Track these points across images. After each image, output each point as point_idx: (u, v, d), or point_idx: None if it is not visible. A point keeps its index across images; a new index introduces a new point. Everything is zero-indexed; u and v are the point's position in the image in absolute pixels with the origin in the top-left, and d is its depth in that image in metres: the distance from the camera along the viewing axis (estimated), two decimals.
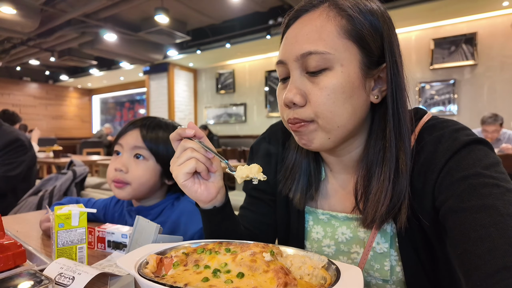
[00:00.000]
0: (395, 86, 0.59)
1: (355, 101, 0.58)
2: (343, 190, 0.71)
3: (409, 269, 0.62)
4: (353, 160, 0.68)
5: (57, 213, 0.70)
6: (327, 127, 0.59)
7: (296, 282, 0.44)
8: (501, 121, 3.70)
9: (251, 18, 6.16)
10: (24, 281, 0.52)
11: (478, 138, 0.55)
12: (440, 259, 0.61)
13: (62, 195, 1.90)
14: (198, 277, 0.46)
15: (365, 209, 0.61)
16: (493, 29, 5.19)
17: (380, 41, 0.58)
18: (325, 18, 0.57)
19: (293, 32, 0.60)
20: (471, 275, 0.43)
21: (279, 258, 0.52)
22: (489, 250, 0.42)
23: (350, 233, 0.68)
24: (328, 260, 0.51)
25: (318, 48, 0.56)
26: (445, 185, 0.54)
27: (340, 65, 0.56)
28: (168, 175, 1.02)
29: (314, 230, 0.73)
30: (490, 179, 0.49)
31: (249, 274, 0.46)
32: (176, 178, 0.62)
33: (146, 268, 0.50)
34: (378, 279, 0.65)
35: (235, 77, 8.23)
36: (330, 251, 0.71)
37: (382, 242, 0.64)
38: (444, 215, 0.52)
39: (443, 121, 0.62)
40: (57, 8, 5.36)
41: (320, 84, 0.57)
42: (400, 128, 0.59)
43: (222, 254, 0.52)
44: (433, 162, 0.56)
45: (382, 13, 0.60)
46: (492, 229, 0.44)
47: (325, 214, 0.71)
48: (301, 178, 0.71)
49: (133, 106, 11.34)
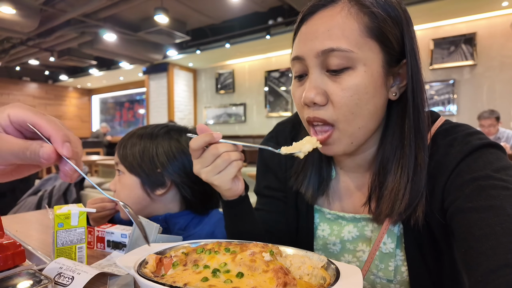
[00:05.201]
0: (415, 82, 0.57)
1: (377, 101, 0.57)
2: (354, 188, 0.70)
3: (414, 270, 0.62)
4: (366, 159, 0.67)
5: (56, 213, 0.70)
6: (349, 130, 0.58)
7: (295, 282, 0.44)
8: (497, 115, 3.70)
9: (251, 18, 6.16)
10: (23, 280, 0.52)
11: (491, 142, 0.55)
12: (446, 262, 0.61)
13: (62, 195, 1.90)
14: (198, 277, 0.45)
15: (379, 205, 0.61)
16: (493, 29, 5.19)
17: (400, 36, 0.57)
18: (346, 15, 0.55)
19: (312, 27, 0.57)
20: (474, 272, 0.43)
21: (278, 258, 0.52)
22: (493, 247, 0.42)
23: (356, 231, 0.68)
24: (327, 260, 0.51)
25: (341, 45, 0.53)
26: (454, 186, 0.53)
27: (363, 64, 0.54)
28: (150, 185, 0.92)
29: (320, 227, 0.73)
30: (500, 182, 0.48)
31: (248, 274, 0.46)
32: (220, 186, 0.59)
33: (146, 268, 0.50)
34: (382, 279, 0.65)
35: (235, 77, 8.22)
36: (335, 248, 0.71)
37: (389, 242, 0.64)
38: (451, 215, 0.52)
39: (456, 125, 0.61)
40: (56, 8, 5.36)
41: (343, 84, 0.55)
42: (419, 125, 0.58)
43: (221, 254, 0.52)
44: (444, 164, 0.56)
45: (399, 3, 0.58)
46: (497, 228, 0.44)
47: (332, 214, 0.71)
48: (312, 173, 0.70)
49: (133, 106, 11.33)
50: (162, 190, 0.92)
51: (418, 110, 0.58)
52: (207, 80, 8.80)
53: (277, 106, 7.54)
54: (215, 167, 0.57)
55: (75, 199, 1.97)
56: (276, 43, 6.42)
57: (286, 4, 5.41)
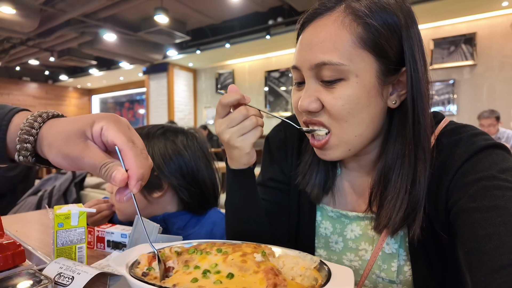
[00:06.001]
0: (415, 91, 0.56)
1: (372, 110, 0.57)
2: (357, 188, 0.71)
3: (418, 270, 0.62)
4: (369, 161, 0.67)
5: (56, 213, 0.70)
6: (344, 137, 0.58)
7: (286, 283, 0.43)
8: (496, 115, 3.70)
9: (251, 18, 6.16)
10: (23, 280, 0.51)
11: (496, 143, 0.55)
12: (450, 261, 0.60)
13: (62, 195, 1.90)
14: (188, 277, 0.45)
15: (379, 214, 0.61)
16: (493, 29, 5.19)
17: (398, 43, 0.56)
18: (339, 25, 0.55)
19: (307, 37, 0.58)
20: (476, 271, 0.43)
21: (271, 258, 0.52)
22: (496, 247, 0.42)
23: (359, 230, 0.68)
24: (320, 260, 0.51)
25: (332, 59, 0.54)
26: (458, 186, 0.53)
27: (355, 76, 0.55)
28: (146, 188, 0.90)
29: (323, 225, 0.73)
30: (505, 183, 0.48)
31: (239, 274, 0.45)
32: (242, 149, 0.60)
33: (138, 268, 0.50)
34: (385, 280, 0.65)
35: (235, 77, 8.22)
36: (337, 247, 0.71)
37: (392, 243, 0.64)
38: (454, 215, 0.52)
39: (461, 126, 0.61)
40: (56, 8, 5.36)
41: (335, 94, 0.56)
42: (420, 137, 0.57)
43: (213, 254, 0.52)
44: (448, 164, 0.56)
45: (400, 6, 0.57)
46: (501, 228, 0.43)
47: (334, 212, 0.71)
48: (318, 173, 0.71)
49: (133, 106, 11.33)
50: (159, 192, 0.91)
51: (419, 120, 0.57)
52: (207, 80, 8.80)
53: (277, 106, 7.54)
54: (242, 128, 0.58)
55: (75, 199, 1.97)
56: (276, 43, 6.42)
57: (286, 4, 5.41)
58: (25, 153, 0.47)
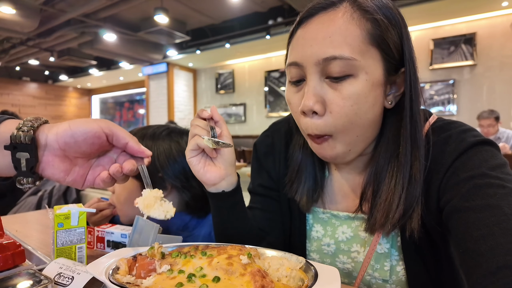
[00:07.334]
0: (413, 91, 0.56)
1: (376, 109, 0.56)
2: (348, 188, 0.70)
3: (411, 269, 0.62)
4: (361, 161, 0.67)
5: (56, 213, 0.70)
6: (346, 139, 0.57)
7: (273, 285, 0.43)
8: (496, 115, 3.70)
9: (251, 18, 6.16)
10: (23, 280, 0.51)
11: (485, 139, 0.55)
12: (444, 259, 0.60)
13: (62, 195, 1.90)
14: (172, 282, 0.44)
15: (372, 214, 0.60)
16: (493, 30, 5.19)
17: (399, 43, 0.55)
18: (349, 20, 0.53)
19: (311, 32, 0.55)
20: (473, 273, 0.43)
21: (256, 260, 0.51)
22: (491, 248, 0.42)
23: (350, 232, 0.68)
24: (306, 261, 0.50)
25: (344, 53, 0.51)
26: (450, 185, 0.53)
27: (365, 72, 0.53)
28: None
29: (314, 229, 0.73)
30: (496, 180, 0.48)
31: (225, 278, 0.44)
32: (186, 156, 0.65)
33: (118, 274, 0.48)
34: (378, 279, 0.65)
35: (235, 77, 8.22)
36: (329, 250, 0.71)
37: (384, 243, 0.64)
38: (447, 214, 0.52)
39: (449, 122, 0.61)
40: (56, 8, 5.36)
41: (343, 93, 0.53)
42: (416, 134, 0.57)
43: (197, 258, 0.50)
44: (439, 162, 0.56)
45: (395, 7, 0.57)
46: (495, 228, 0.43)
47: (325, 213, 0.71)
48: (306, 180, 0.70)
49: (133, 106, 11.33)
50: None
51: (416, 119, 0.57)
52: (207, 80, 8.79)
53: (277, 106, 7.54)
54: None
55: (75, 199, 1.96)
56: (276, 43, 6.42)
57: (286, 4, 5.41)
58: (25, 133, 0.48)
